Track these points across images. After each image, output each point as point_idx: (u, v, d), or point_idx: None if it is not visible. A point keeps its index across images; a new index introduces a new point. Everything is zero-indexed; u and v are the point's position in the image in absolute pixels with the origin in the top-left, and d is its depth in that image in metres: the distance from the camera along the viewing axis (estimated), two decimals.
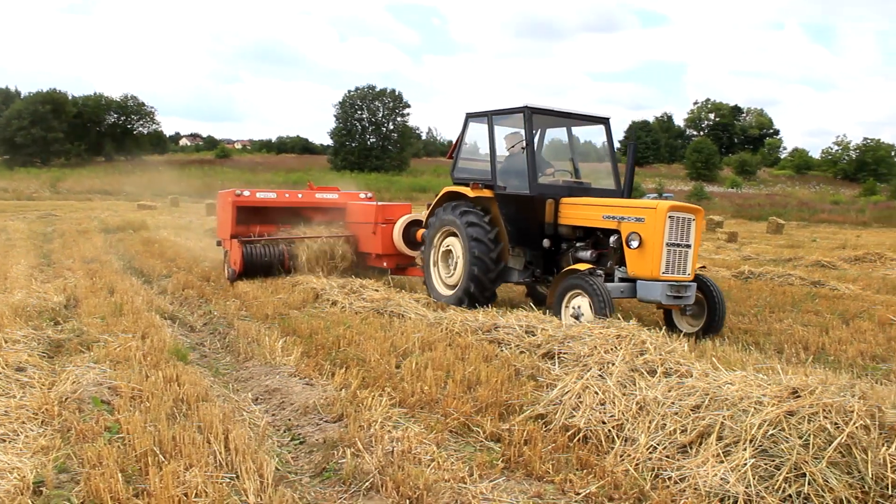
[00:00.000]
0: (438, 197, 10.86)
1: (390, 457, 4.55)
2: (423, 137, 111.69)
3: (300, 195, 13.48)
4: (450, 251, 10.48)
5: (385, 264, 12.72)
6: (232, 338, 8.24)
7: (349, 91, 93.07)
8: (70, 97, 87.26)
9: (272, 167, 76.01)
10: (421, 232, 11.87)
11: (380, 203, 13.01)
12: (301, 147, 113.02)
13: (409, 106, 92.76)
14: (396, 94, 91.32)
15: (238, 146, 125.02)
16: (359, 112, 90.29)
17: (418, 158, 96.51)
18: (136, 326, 7.83)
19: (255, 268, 12.16)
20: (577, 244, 9.69)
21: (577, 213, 9.55)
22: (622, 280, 8.75)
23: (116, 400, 5.45)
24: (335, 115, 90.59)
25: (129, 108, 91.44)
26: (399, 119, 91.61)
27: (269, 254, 12.34)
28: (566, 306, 8.50)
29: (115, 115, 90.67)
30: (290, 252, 12.42)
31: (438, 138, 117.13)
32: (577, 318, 8.22)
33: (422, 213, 12.16)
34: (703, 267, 10.14)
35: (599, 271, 8.64)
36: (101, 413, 5.14)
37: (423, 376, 6.19)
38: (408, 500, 4.06)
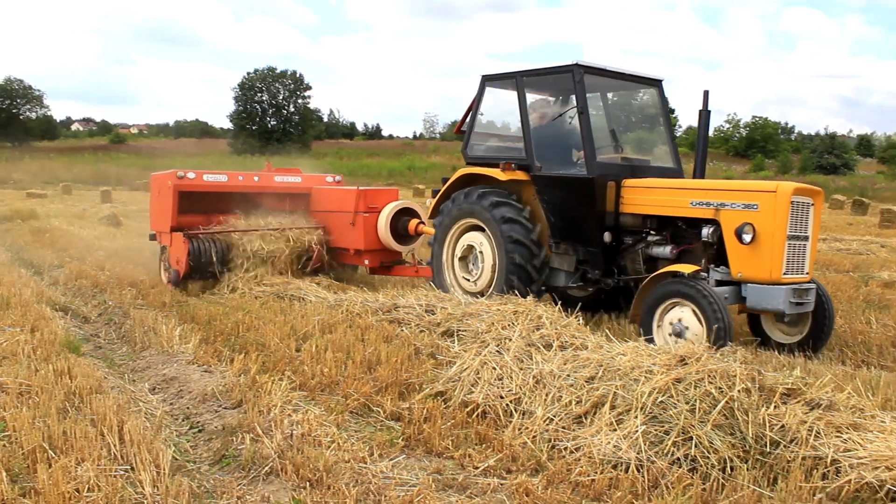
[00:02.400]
0: (451, 181, 9.09)
1: (290, 440, 4.54)
2: (325, 119, 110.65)
3: (256, 178, 11.28)
4: (471, 248, 8.76)
5: (367, 262, 10.78)
6: (128, 327, 8.02)
7: (248, 73, 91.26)
8: None
9: (170, 152, 73.92)
10: (414, 223, 10.59)
11: (362, 188, 11.00)
12: (200, 131, 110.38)
13: (310, 88, 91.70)
14: (297, 75, 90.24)
15: (134, 131, 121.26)
16: (259, 94, 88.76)
17: (320, 140, 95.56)
18: (25, 320, 7.53)
19: (205, 267, 10.07)
20: (649, 238, 7.89)
21: (650, 198, 7.71)
22: (721, 283, 7.00)
23: (2, 397, 5.24)
24: (235, 98, 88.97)
25: (14, 92, 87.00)
26: (300, 101, 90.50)
27: (223, 250, 10.20)
28: (660, 321, 6.83)
29: None
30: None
31: (341, 120, 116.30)
32: (679, 335, 6.59)
33: (411, 201, 11.06)
34: None
35: (704, 274, 6.98)
36: None
37: (323, 359, 6.19)
38: (308, 483, 4.06)
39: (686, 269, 6.83)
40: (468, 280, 8.78)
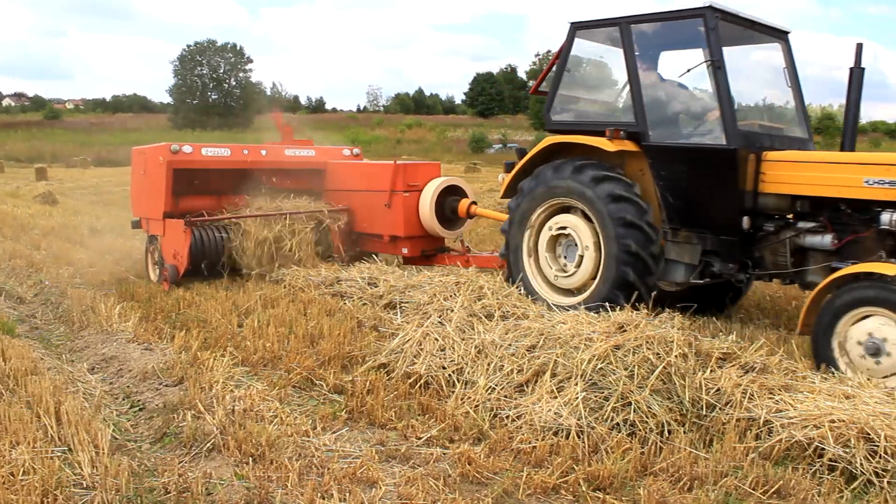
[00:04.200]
0: (534, 152, 7.44)
1: (232, 416, 4.51)
2: (268, 93, 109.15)
3: (263, 152, 9.59)
4: (561, 236, 7.13)
5: (405, 251, 9.12)
6: (66, 307, 7.85)
7: (188, 46, 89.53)
8: None
9: (108, 127, 72.16)
10: (465, 204, 9.05)
11: (400, 161, 9.42)
12: (139, 106, 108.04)
13: (251, 61, 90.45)
14: (238, 48, 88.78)
15: (70, 106, 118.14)
16: (199, 68, 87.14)
17: (263, 115, 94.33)
18: None
19: (213, 262, 8.71)
20: (800, 224, 6.38)
21: (803, 174, 6.22)
22: None
23: None
24: (174, 72, 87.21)
25: None
26: (241, 74, 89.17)
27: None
28: (843, 336, 5.24)
29: None
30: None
31: (284, 93, 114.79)
32: (875, 353, 5.03)
33: (455, 178, 9.56)
34: None
35: None
36: None
37: (265, 334, 6.16)
38: (250, 457, 4.05)
39: (888, 269, 5.24)
40: (561, 275, 7.13)
